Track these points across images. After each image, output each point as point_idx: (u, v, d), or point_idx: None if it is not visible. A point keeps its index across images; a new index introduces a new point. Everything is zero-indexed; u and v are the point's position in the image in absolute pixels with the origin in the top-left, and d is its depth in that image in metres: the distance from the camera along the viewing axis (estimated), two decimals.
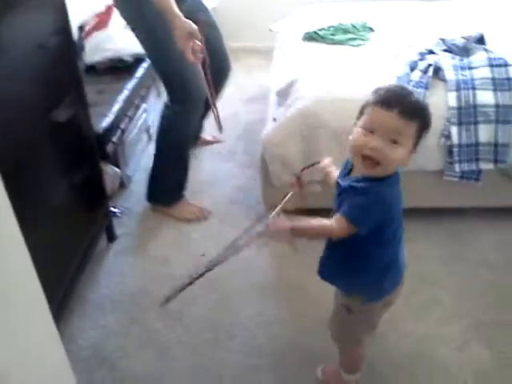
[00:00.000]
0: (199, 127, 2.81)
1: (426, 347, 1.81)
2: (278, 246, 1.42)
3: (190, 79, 2.17)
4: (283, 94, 2.37)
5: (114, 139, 2.41)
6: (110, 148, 2.36)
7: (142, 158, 2.90)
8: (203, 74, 2.11)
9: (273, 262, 2.23)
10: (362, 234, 1.25)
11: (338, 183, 1.36)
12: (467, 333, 1.84)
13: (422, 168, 2.10)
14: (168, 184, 2.47)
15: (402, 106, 1.19)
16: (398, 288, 1.45)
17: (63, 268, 1.88)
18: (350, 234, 1.26)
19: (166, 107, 2.34)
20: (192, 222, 2.45)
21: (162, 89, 2.48)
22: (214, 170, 2.85)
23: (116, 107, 2.47)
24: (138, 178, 2.75)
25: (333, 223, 1.26)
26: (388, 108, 1.19)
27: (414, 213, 1.90)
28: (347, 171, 1.36)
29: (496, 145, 2.01)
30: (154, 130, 2.82)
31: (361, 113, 1.28)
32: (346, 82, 2.20)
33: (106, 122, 2.34)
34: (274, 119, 2.32)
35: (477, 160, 2.04)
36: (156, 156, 2.45)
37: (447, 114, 2.06)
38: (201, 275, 1.43)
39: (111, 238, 2.33)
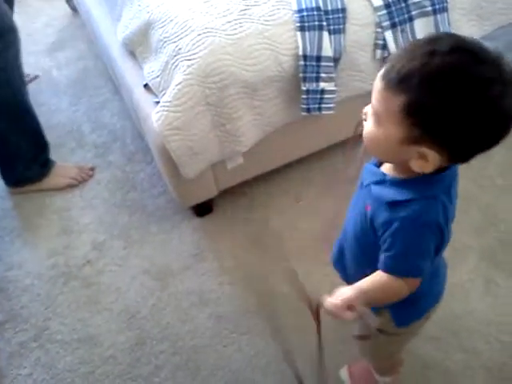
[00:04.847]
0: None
1: None
2: None
3: None
4: (137, 42, 1.66)
5: None
6: None
7: None
8: None
9: None
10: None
11: (363, 183, 0.97)
12: None
13: (359, 92, 1.67)
14: (24, 154, 1.91)
15: (396, 74, 0.77)
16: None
17: None
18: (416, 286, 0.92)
19: None
20: (74, 186, 2.02)
21: None
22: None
23: None
24: None
25: (393, 282, 0.90)
26: (381, 77, 0.81)
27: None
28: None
29: None
30: None
31: None
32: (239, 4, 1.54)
33: None
34: (146, 85, 1.64)
35: None
36: None
37: (374, 18, 1.57)
38: None
39: None
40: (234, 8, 1.53)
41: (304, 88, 1.56)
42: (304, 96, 1.57)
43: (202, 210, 1.86)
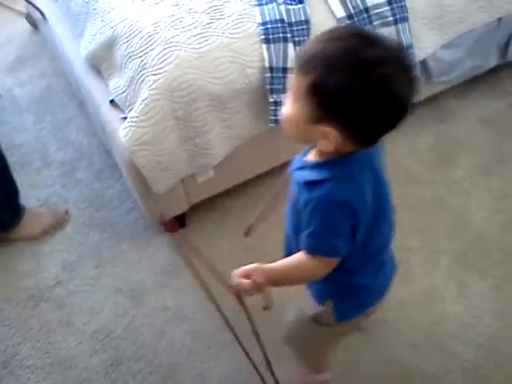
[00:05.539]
0: None
1: None
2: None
3: None
4: (101, 58, 1.64)
5: None
6: None
7: None
8: None
9: None
10: (344, 256, 0.96)
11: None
12: None
13: None
14: None
15: (301, 59, 0.86)
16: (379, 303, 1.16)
17: None
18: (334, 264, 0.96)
19: None
20: (48, 233, 1.88)
21: None
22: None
23: None
24: None
25: (309, 260, 0.95)
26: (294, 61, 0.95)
27: None
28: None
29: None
30: None
31: None
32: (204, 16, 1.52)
33: None
34: (112, 101, 1.61)
35: None
36: None
37: None
38: None
39: None
40: (198, 22, 1.52)
41: (271, 99, 1.56)
42: (272, 107, 1.57)
43: (174, 225, 1.84)
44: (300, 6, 1.57)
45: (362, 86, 0.80)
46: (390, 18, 1.61)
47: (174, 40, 1.48)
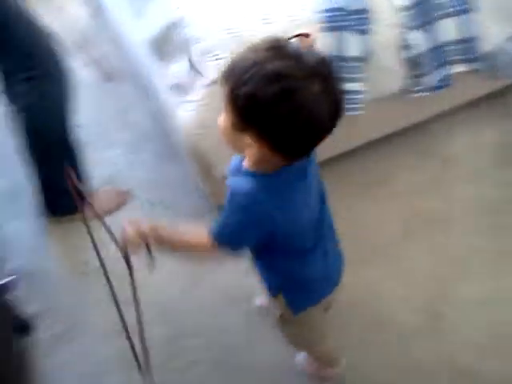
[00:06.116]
0: None
1: None
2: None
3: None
4: (163, 41, 1.69)
5: None
6: None
7: None
8: None
9: None
10: (234, 252, 1.03)
11: None
12: None
13: (385, 93, 1.70)
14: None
15: (224, 68, 0.91)
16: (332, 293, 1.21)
17: None
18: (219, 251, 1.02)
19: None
20: (111, 212, 1.89)
21: None
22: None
23: None
24: None
25: (206, 235, 1.01)
26: None
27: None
28: None
29: (463, 41, 1.65)
30: None
31: None
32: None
33: None
34: (173, 85, 1.68)
35: (447, 64, 1.68)
36: (34, 156, 1.77)
37: (398, 18, 1.60)
38: None
39: (26, 329, 1.62)
40: (261, 6, 1.56)
41: None
42: None
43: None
44: None
45: (267, 97, 0.83)
46: (451, 9, 1.62)
47: (236, 24, 1.52)
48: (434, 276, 1.71)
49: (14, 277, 1.61)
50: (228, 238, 1.00)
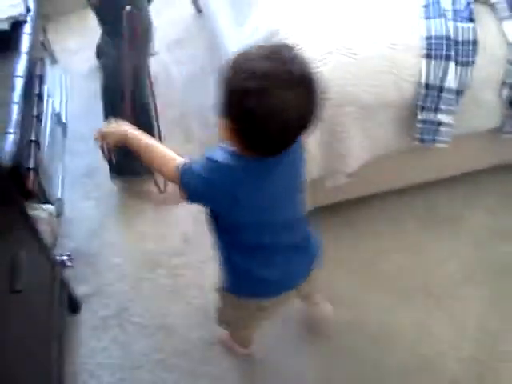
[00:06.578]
0: None
1: None
2: None
3: None
4: None
5: (31, 163, 1.62)
6: (30, 180, 1.59)
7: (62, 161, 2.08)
8: None
9: None
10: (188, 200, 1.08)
11: None
12: None
13: (478, 129, 1.61)
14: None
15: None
16: (272, 299, 1.26)
17: None
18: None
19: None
20: (176, 198, 1.86)
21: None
22: None
23: (15, 112, 1.63)
24: (67, 194, 2.00)
25: (176, 162, 1.09)
26: None
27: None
28: None
29: None
30: (65, 114, 2.17)
31: None
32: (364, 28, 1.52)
33: (10, 142, 1.53)
34: None
35: None
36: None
37: (506, 52, 1.50)
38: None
39: (75, 308, 1.65)
40: (361, 27, 1.52)
41: (420, 117, 1.52)
42: (419, 125, 1.53)
43: None
44: (470, 25, 1.50)
45: (243, 88, 0.90)
46: None
47: (335, 42, 1.49)
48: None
49: (70, 255, 1.65)
50: (187, 182, 1.06)
